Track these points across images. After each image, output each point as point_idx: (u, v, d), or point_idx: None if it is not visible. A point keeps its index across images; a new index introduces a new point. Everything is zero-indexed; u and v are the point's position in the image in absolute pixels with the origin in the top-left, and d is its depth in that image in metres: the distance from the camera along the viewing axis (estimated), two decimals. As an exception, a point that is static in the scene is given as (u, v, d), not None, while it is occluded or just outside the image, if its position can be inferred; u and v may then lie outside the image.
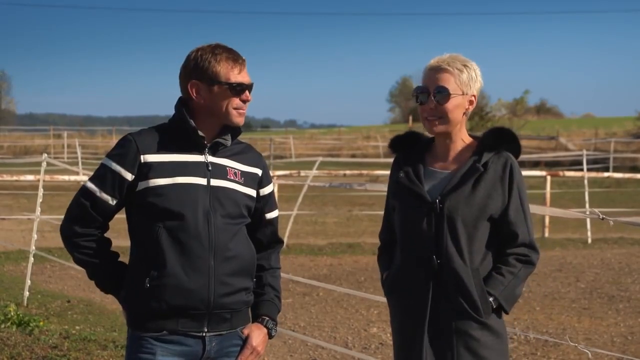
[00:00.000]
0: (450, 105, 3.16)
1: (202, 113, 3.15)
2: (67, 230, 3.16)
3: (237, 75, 3.13)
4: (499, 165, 3.16)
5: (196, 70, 3.13)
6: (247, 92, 3.16)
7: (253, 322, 3.26)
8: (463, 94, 3.17)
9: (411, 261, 3.19)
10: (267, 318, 3.26)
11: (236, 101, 3.14)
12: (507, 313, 3.20)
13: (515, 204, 3.16)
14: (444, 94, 3.15)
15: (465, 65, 3.18)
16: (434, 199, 3.14)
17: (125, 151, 3.11)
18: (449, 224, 3.11)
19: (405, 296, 3.21)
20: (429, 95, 3.18)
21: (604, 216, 4.08)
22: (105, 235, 3.20)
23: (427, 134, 3.34)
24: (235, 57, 3.15)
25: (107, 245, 3.18)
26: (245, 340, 3.20)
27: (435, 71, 3.19)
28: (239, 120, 3.17)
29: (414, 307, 3.17)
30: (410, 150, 3.31)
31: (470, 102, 3.20)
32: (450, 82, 3.16)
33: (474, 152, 3.20)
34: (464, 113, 3.20)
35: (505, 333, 3.23)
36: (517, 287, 3.17)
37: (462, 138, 3.25)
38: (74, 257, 3.17)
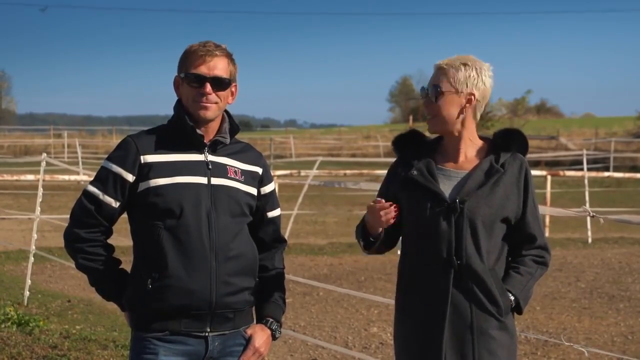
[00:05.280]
0: (441, 102, 3.18)
1: (187, 109, 3.14)
2: (72, 236, 3.14)
3: (199, 67, 3.11)
4: (515, 167, 3.18)
5: (178, 66, 3.17)
6: (207, 84, 3.10)
7: (257, 323, 3.25)
8: (457, 92, 3.17)
9: (429, 261, 3.15)
10: (271, 319, 3.25)
11: (194, 93, 3.10)
12: (520, 313, 3.21)
13: (531, 206, 3.19)
14: (434, 92, 3.19)
15: (464, 64, 3.17)
16: (453, 198, 3.13)
17: (125, 153, 3.10)
18: (470, 224, 3.11)
19: (423, 297, 3.16)
20: (427, 94, 3.22)
21: (594, 214, 4.16)
22: (109, 241, 3.19)
23: (427, 134, 3.35)
24: (204, 51, 3.12)
25: (110, 252, 3.17)
26: (248, 341, 3.19)
27: (435, 71, 3.23)
28: (203, 113, 3.11)
29: (433, 307, 3.13)
30: (416, 149, 3.29)
31: (469, 101, 3.18)
32: (443, 81, 3.18)
33: (487, 153, 3.21)
34: (460, 112, 3.19)
35: (516, 333, 3.24)
36: (532, 287, 3.21)
37: (470, 138, 3.23)
38: (77, 262, 3.15)
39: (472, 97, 3.19)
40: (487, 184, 3.13)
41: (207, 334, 3.11)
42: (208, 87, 3.10)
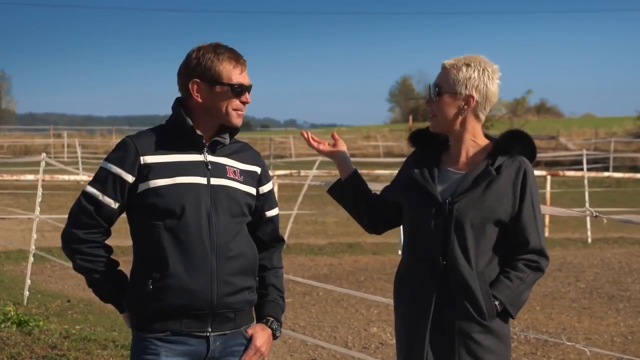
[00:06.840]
0: (440, 102, 3.20)
1: (200, 112, 3.14)
2: (70, 236, 3.13)
3: (239, 76, 3.14)
4: (513, 169, 3.16)
5: (198, 69, 3.12)
6: (246, 93, 3.17)
7: (257, 322, 3.26)
8: (456, 93, 3.17)
9: (418, 260, 3.19)
10: (272, 319, 3.25)
11: (236, 102, 3.14)
12: (512, 318, 3.19)
13: (528, 210, 3.15)
14: (435, 92, 3.21)
15: (467, 65, 3.17)
16: (445, 199, 3.14)
17: (124, 154, 3.10)
18: (456, 225, 3.11)
19: (411, 295, 3.21)
20: (430, 93, 3.24)
21: (598, 214, 4.15)
22: (107, 242, 3.19)
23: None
24: (237, 57, 3.16)
25: (109, 253, 3.17)
26: (249, 341, 3.20)
27: (440, 70, 3.24)
28: (238, 122, 3.18)
29: (419, 306, 3.17)
30: (429, 147, 3.31)
31: (467, 103, 3.18)
32: (444, 81, 3.19)
33: (488, 155, 3.19)
34: (459, 113, 3.19)
35: (509, 337, 3.22)
36: (524, 292, 3.17)
37: (472, 139, 3.23)
38: (75, 263, 3.14)
39: (471, 99, 3.18)
40: (479, 187, 3.13)
41: (208, 334, 3.11)
42: (248, 96, 3.17)
